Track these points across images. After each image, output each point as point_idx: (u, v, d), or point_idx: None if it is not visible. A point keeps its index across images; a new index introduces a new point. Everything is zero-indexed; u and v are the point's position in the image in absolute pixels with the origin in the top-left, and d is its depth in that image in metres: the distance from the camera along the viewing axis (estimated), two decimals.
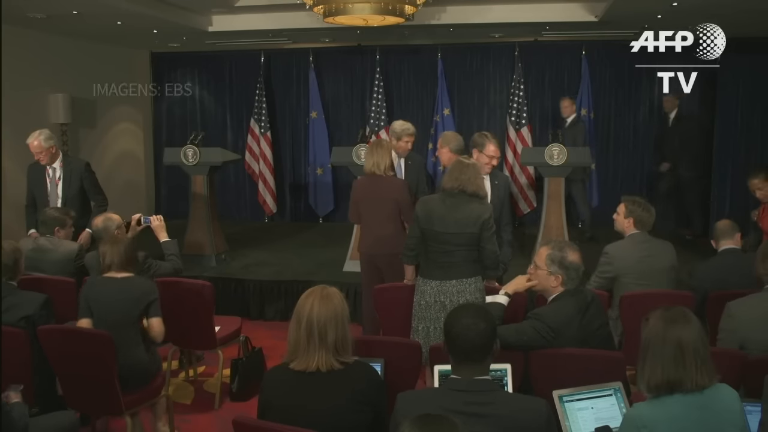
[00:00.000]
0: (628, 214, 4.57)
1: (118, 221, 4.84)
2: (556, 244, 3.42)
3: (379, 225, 4.97)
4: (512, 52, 9.35)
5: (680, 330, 2.30)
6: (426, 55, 9.72)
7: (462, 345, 2.42)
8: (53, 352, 3.72)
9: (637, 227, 4.55)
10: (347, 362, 2.59)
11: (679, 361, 2.27)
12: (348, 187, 9.51)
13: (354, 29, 7.97)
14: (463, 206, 4.03)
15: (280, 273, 7.07)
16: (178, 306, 4.47)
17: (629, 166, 9.50)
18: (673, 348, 2.28)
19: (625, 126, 9.45)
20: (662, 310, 2.39)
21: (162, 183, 10.63)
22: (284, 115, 10.30)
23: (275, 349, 5.14)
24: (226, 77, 10.42)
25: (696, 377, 2.26)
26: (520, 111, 9.23)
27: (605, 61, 9.36)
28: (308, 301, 2.60)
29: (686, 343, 2.28)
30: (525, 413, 2.36)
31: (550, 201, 6.70)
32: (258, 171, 9.95)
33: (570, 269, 3.32)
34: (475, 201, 4.06)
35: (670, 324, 2.32)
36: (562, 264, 3.32)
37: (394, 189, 4.99)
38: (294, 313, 2.63)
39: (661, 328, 2.33)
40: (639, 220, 4.54)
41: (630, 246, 4.52)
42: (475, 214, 4.03)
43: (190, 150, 7.16)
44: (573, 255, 3.34)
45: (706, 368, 2.28)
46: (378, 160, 4.96)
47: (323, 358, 2.55)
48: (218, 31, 8.54)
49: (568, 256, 3.33)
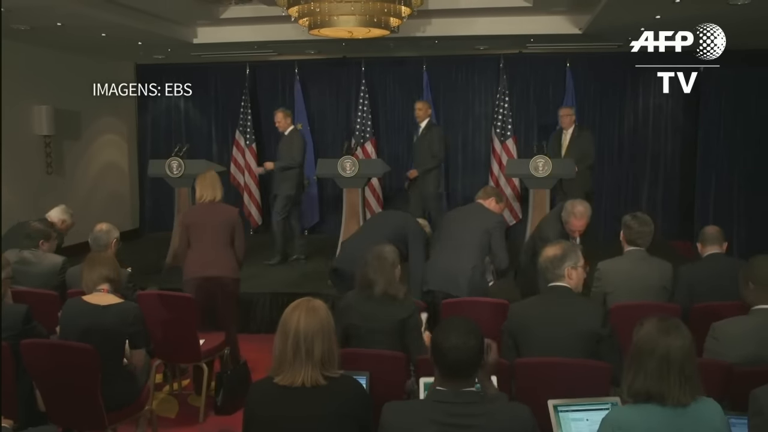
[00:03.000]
0: (622, 229, 4.50)
1: (117, 235, 4.83)
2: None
3: (212, 249, 4.98)
4: (497, 64, 9.41)
5: (671, 342, 2.30)
6: (411, 67, 9.76)
7: (450, 362, 2.40)
8: (36, 366, 3.66)
9: (634, 243, 4.45)
10: (333, 377, 2.57)
11: (664, 374, 2.27)
12: (334, 199, 9.59)
13: (339, 41, 8.00)
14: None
15: (266, 285, 7.05)
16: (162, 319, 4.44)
17: (615, 179, 9.55)
18: (659, 359, 2.28)
19: (610, 138, 9.51)
20: (658, 319, 2.39)
21: (146, 195, 10.57)
22: (270, 127, 10.24)
23: (260, 362, 5.10)
24: (212, 89, 10.40)
25: (678, 394, 2.26)
26: (505, 123, 9.28)
27: (590, 73, 9.44)
28: (294, 313, 2.57)
29: (674, 357, 2.27)
30: (512, 422, 2.36)
31: (535, 212, 6.75)
32: (243, 183, 9.93)
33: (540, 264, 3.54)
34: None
35: (663, 334, 2.32)
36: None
37: (226, 214, 5.07)
38: (279, 326, 2.59)
39: (653, 336, 2.33)
40: (633, 235, 4.43)
41: (623, 263, 4.43)
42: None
43: (174, 162, 7.15)
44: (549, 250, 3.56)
45: (690, 386, 2.27)
46: (203, 192, 5.06)
47: (309, 374, 2.51)
48: (203, 43, 8.56)
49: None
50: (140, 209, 10.64)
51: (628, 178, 9.53)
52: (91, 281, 3.80)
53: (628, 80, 9.36)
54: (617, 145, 9.53)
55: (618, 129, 9.50)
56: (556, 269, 3.48)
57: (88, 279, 3.80)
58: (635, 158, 9.48)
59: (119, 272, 3.98)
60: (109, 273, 3.83)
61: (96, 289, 3.79)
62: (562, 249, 3.54)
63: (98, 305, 3.72)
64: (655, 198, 9.44)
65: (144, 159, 10.01)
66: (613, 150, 9.54)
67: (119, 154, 10.26)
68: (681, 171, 9.39)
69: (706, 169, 8.86)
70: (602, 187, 9.52)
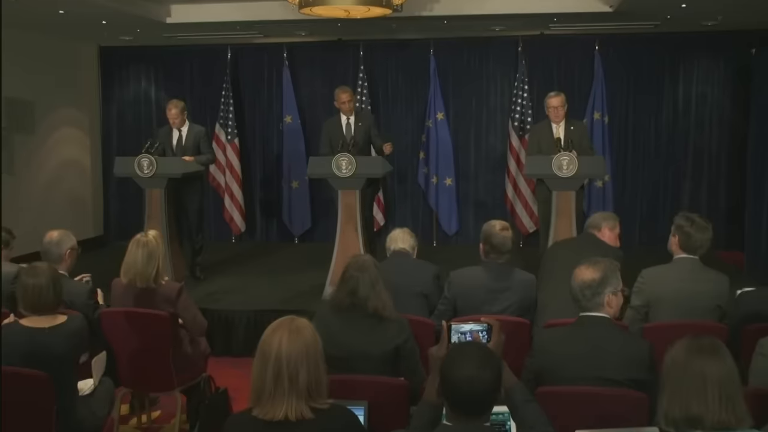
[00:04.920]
0: (674, 231, 4.42)
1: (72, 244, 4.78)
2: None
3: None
4: (515, 47, 9.42)
5: (705, 362, 2.30)
6: (416, 52, 9.76)
7: (462, 397, 2.39)
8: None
9: (685, 250, 4.35)
10: (321, 408, 2.52)
11: (701, 394, 2.27)
12: (328, 202, 9.59)
13: (334, 22, 7.99)
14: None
15: (249, 302, 7.03)
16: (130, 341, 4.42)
17: (651, 177, 9.56)
18: (694, 379, 2.28)
19: (645, 132, 9.52)
20: (689, 338, 2.39)
21: (112, 198, 10.58)
22: (254, 120, 10.30)
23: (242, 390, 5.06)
24: (187, 76, 10.41)
25: (720, 414, 2.25)
26: (524, 115, 9.28)
27: (622, 58, 9.44)
28: (275, 335, 2.52)
29: (711, 376, 2.28)
30: None
31: (558, 218, 6.69)
32: (224, 184, 9.93)
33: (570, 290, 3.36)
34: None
35: (695, 354, 2.33)
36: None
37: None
38: (258, 350, 2.55)
39: (683, 356, 2.33)
40: (689, 241, 4.33)
41: (671, 271, 4.35)
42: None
43: (145, 160, 7.13)
44: (580, 272, 3.36)
45: (733, 407, 2.26)
46: (143, 270, 4.60)
47: (293, 406, 2.47)
48: (178, 23, 8.55)
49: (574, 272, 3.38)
50: (104, 214, 10.65)
51: (666, 177, 9.53)
52: (29, 299, 3.72)
53: (666, 65, 9.37)
54: (654, 139, 9.53)
55: (655, 121, 9.51)
56: (595, 297, 3.29)
57: (28, 297, 3.73)
58: (675, 155, 9.48)
59: (60, 290, 3.87)
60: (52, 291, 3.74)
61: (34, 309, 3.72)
62: (602, 271, 3.31)
63: (42, 328, 3.67)
64: (698, 200, 9.42)
65: (109, 156, 10.00)
66: (650, 146, 9.54)
67: (80, 151, 10.26)
68: (729, 169, 9.38)
69: (759, 167, 8.80)
70: (637, 188, 9.53)
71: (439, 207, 9.71)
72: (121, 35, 9.40)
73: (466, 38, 9.66)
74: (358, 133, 7.52)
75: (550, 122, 7.28)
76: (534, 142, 7.35)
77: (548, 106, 7.27)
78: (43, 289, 3.71)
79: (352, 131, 7.54)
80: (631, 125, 9.53)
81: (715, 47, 9.24)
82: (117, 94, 10.57)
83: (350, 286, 3.69)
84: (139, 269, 4.55)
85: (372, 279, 3.70)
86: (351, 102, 7.60)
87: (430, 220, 9.90)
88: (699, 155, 9.44)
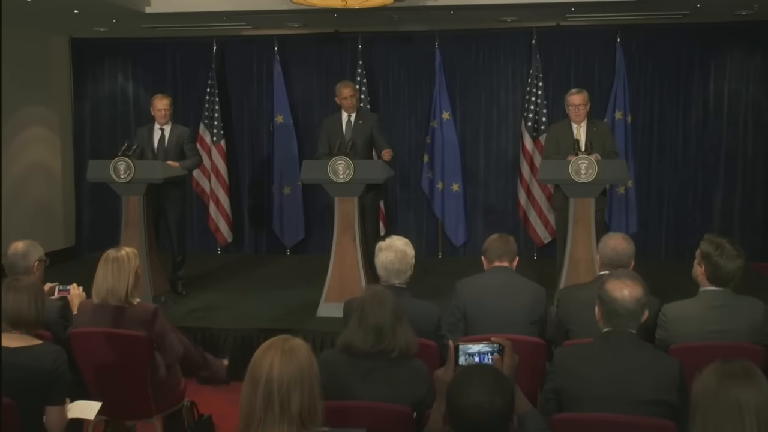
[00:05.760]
0: (700, 259, 4.21)
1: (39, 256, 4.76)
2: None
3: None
4: (529, 40, 9.44)
5: (740, 388, 2.29)
6: (420, 45, 9.79)
7: (470, 425, 2.38)
8: None
9: (714, 282, 4.15)
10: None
11: (738, 425, 2.25)
12: (323, 210, 9.58)
13: (330, 12, 8.01)
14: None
15: (236, 319, 7.03)
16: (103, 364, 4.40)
17: (679, 183, 9.55)
18: (728, 409, 2.26)
19: (672, 133, 9.52)
20: (719, 362, 2.38)
21: (84, 205, 10.59)
22: (242, 120, 10.31)
23: (229, 418, 5.07)
24: (168, 72, 10.43)
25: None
26: (539, 115, 9.29)
27: (646, 51, 9.45)
28: (266, 356, 2.52)
29: (747, 404, 2.26)
30: None
31: (576, 228, 6.68)
32: (209, 190, 9.94)
33: (606, 302, 3.34)
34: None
35: (727, 379, 2.31)
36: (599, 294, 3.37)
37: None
38: (248, 373, 2.54)
39: (714, 383, 2.32)
40: (714, 271, 4.13)
41: (697, 308, 4.16)
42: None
43: (121, 163, 7.12)
44: (616, 286, 3.34)
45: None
46: (114, 285, 4.56)
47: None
48: (158, 13, 8.54)
49: (606, 286, 3.36)
50: (76, 223, 10.64)
51: (695, 183, 9.53)
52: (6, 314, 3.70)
53: (695, 59, 9.37)
54: (681, 141, 9.53)
55: (683, 121, 9.51)
56: (642, 313, 3.35)
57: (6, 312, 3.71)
58: (705, 158, 9.48)
59: (42, 307, 3.84)
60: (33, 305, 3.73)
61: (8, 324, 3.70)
62: (642, 289, 3.35)
63: (6, 348, 3.64)
64: (731, 208, 9.44)
65: (81, 159, 10.03)
66: (677, 148, 9.54)
67: (50, 153, 10.26)
68: (765, 175, 9.40)
69: None
70: (663, 195, 9.52)
71: (445, 215, 9.71)
72: (96, 26, 9.40)
73: (475, 30, 9.67)
74: (358, 132, 7.53)
75: (570, 122, 7.28)
76: (552, 144, 7.36)
77: (569, 104, 7.27)
78: (23, 304, 3.71)
79: (352, 130, 7.56)
80: (657, 125, 9.53)
81: (750, 39, 9.24)
82: (90, 91, 10.57)
83: (373, 322, 3.47)
84: (110, 285, 4.53)
85: (396, 312, 3.54)
86: (353, 97, 7.65)
87: (435, 230, 9.90)
88: (732, 159, 9.43)
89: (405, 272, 4.70)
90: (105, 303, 4.55)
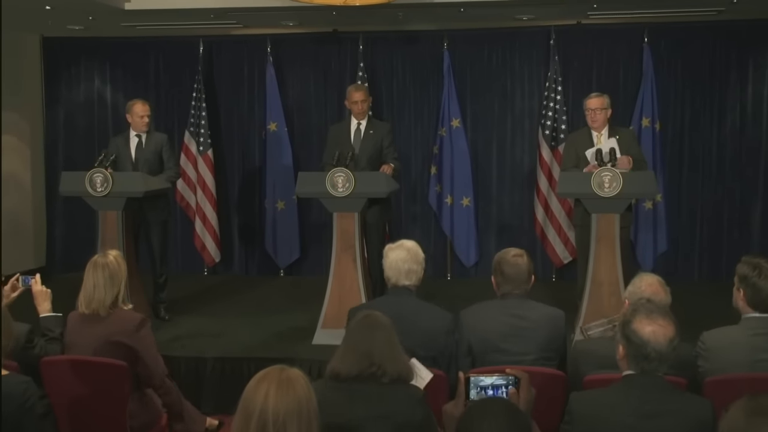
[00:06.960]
0: (738, 284, 4.20)
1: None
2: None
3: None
4: (547, 40, 9.48)
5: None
6: (427, 46, 9.83)
7: None
8: None
9: (755, 307, 4.13)
10: None
11: None
12: (320, 227, 9.60)
13: (328, 9, 8.04)
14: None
15: (224, 347, 7.02)
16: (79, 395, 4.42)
17: (713, 196, 9.56)
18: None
19: (705, 140, 9.53)
20: (747, 397, 2.38)
21: (57, 221, 10.59)
22: (231, 128, 10.33)
23: None
24: (151, 75, 10.47)
25: None
26: (558, 122, 9.32)
27: (677, 52, 9.47)
28: (261, 388, 2.54)
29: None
30: None
31: (599, 247, 6.68)
32: (195, 204, 9.96)
33: (634, 342, 3.28)
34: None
35: (757, 417, 2.31)
36: (624, 332, 3.32)
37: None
38: (240, 405, 2.57)
39: (742, 421, 2.32)
40: (754, 294, 4.11)
41: (738, 337, 4.11)
42: None
43: (98, 176, 7.15)
44: (647, 325, 3.27)
45: None
46: (106, 295, 4.67)
47: None
48: (139, 10, 8.56)
49: (634, 324, 3.29)
50: (48, 241, 10.65)
51: (732, 197, 9.53)
52: None
53: (732, 60, 9.38)
54: (716, 151, 9.54)
55: (717, 128, 9.51)
56: (668, 362, 3.29)
57: None
58: (742, 169, 9.48)
59: (8, 333, 3.85)
60: None
61: None
62: (675, 328, 3.30)
63: None
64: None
65: (54, 171, 10.07)
66: (711, 157, 9.55)
67: (19, 164, 10.29)
68: None
69: None
70: (695, 210, 9.51)
71: (455, 233, 9.72)
72: (70, 23, 9.44)
73: (487, 29, 9.72)
74: (367, 142, 7.56)
75: (590, 130, 7.31)
76: (570, 155, 7.35)
77: (586, 109, 7.31)
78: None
79: (361, 140, 7.58)
80: (688, 134, 9.53)
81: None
82: (64, 96, 10.60)
83: (362, 349, 3.48)
84: (101, 296, 4.60)
85: (389, 339, 3.54)
86: (364, 103, 7.66)
87: (444, 248, 9.92)
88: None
89: (416, 272, 4.83)
90: (95, 314, 4.61)
